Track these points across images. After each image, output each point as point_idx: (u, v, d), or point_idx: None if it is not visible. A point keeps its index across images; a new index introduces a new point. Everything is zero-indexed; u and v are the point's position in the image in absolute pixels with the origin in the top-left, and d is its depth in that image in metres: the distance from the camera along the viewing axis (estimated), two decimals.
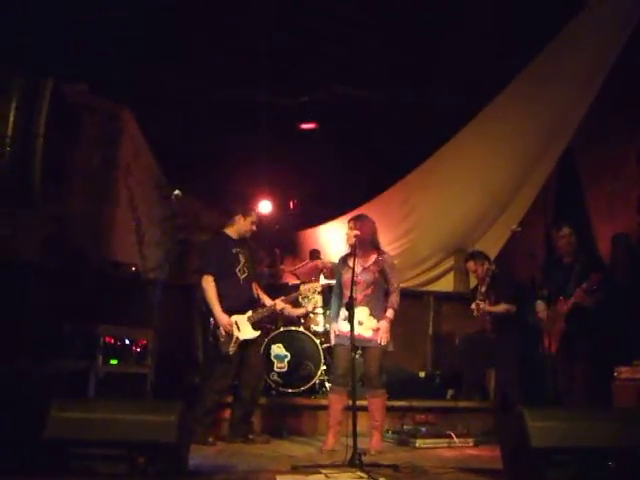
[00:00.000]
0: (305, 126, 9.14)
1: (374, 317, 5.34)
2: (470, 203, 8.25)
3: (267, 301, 6.00)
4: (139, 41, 7.13)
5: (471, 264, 6.97)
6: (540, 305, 6.17)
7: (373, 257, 5.47)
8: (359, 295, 5.30)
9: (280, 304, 5.96)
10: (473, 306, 6.71)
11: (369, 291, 5.33)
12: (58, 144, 4.77)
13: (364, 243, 5.36)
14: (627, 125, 6.66)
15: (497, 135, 7.61)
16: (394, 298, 5.40)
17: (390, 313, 5.36)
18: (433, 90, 7.87)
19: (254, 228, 6.02)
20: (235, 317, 5.71)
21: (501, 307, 6.63)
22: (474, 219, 8.35)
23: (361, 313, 5.28)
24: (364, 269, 5.42)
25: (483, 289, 6.72)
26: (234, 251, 5.86)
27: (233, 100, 8.15)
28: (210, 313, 5.66)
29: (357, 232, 5.26)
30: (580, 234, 6.93)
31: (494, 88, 7.38)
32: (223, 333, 5.61)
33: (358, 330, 5.13)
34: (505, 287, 6.70)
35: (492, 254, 8.09)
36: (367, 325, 5.32)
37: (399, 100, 8.13)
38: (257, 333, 5.82)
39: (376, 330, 5.31)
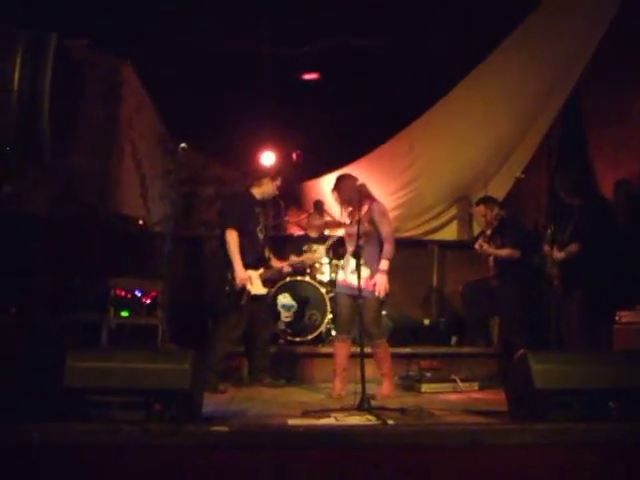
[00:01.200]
0: (307, 76, 9.09)
1: (367, 267, 5.37)
2: (474, 151, 8.27)
3: (275, 262, 6.26)
4: None
5: (482, 208, 7.01)
6: (546, 248, 6.15)
7: (365, 208, 5.54)
8: (351, 247, 5.41)
9: (287, 268, 6.35)
10: (477, 245, 6.81)
11: (361, 242, 5.27)
12: (63, 100, 4.78)
13: (350, 201, 5.51)
14: (632, 70, 6.62)
15: (500, 83, 7.60)
16: (387, 247, 5.41)
17: (384, 264, 5.36)
18: (435, 39, 7.81)
19: (277, 192, 6.26)
20: (249, 272, 5.90)
21: (505, 251, 6.70)
22: (478, 167, 8.35)
23: (353, 263, 5.25)
24: (356, 221, 5.41)
25: (489, 232, 6.81)
26: (257, 211, 6.06)
27: (235, 52, 8.10)
28: (227, 265, 5.82)
29: (337, 198, 5.57)
30: (584, 180, 7.00)
31: (496, 38, 7.35)
32: (237, 285, 5.77)
33: (350, 279, 5.34)
34: (511, 232, 6.76)
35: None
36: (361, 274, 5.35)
37: (402, 49, 8.07)
38: (266, 290, 6.10)
39: (368, 279, 5.36)
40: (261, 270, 6.02)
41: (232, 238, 5.82)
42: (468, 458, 3.64)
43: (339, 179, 5.69)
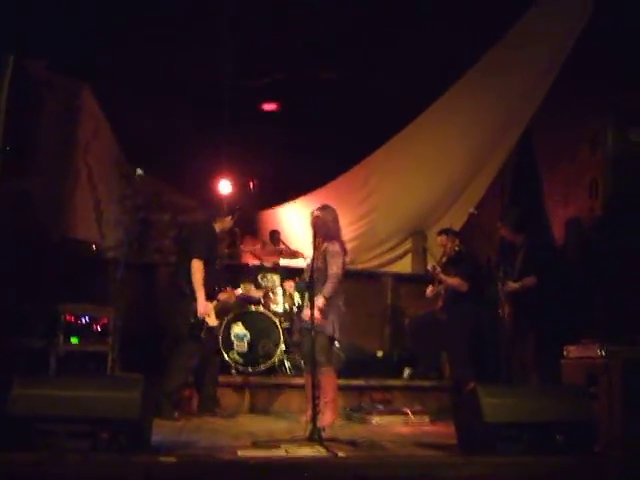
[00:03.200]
0: (267, 107, 9.16)
1: (311, 302, 5.36)
2: (429, 186, 8.38)
3: (220, 294, 6.25)
4: (98, 18, 7.05)
5: (443, 238, 7.10)
6: (498, 285, 6.21)
7: (323, 246, 5.58)
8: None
9: (232, 298, 6.51)
10: (429, 267, 6.99)
11: (315, 277, 5.34)
12: (19, 120, 4.73)
13: (318, 234, 5.53)
14: (581, 110, 6.81)
15: (454, 121, 7.74)
16: (328, 285, 5.43)
17: (319, 301, 5.33)
18: (394, 74, 7.95)
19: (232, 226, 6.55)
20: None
21: (455, 280, 6.77)
22: (432, 202, 8.49)
23: (305, 298, 5.59)
24: (313, 257, 5.53)
25: (444, 260, 6.91)
26: (216, 245, 6.24)
27: (194, 80, 8.12)
28: (191, 296, 5.85)
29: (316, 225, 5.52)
30: (536, 218, 7.16)
31: (452, 76, 7.51)
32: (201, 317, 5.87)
33: (306, 314, 5.37)
34: (464, 265, 6.85)
35: None
36: (307, 311, 5.40)
37: (360, 82, 8.19)
38: (217, 322, 6.19)
39: (308, 316, 5.35)
40: (215, 302, 6.07)
41: (199, 269, 5.86)
42: None
43: (321, 210, 5.66)
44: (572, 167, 7.01)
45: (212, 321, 5.99)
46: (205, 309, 5.87)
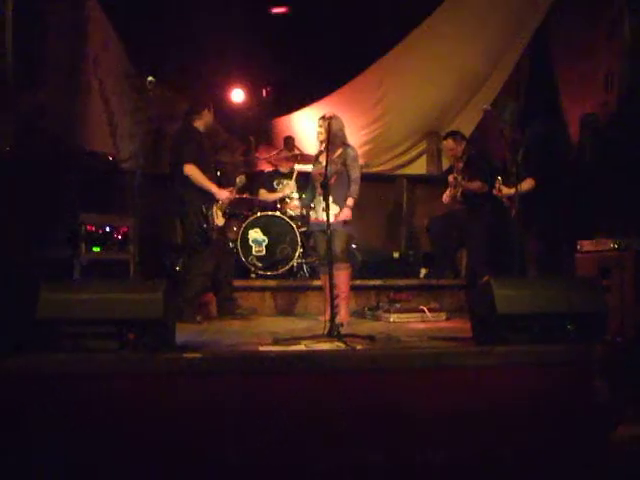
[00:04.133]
0: (276, 10, 8.98)
1: (336, 204, 5.66)
2: (443, 85, 8.28)
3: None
4: None
5: (450, 142, 7.02)
6: (499, 182, 6.20)
7: (339, 151, 5.77)
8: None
9: (233, 194, 6.31)
10: (450, 178, 6.87)
11: (332, 181, 5.57)
12: (27, 35, 4.70)
13: (332, 141, 5.61)
14: (596, 5, 6.64)
15: (469, 18, 7.59)
16: (354, 187, 5.74)
17: (349, 201, 5.71)
18: None
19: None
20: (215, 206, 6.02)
21: (475, 184, 6.77)
22: (447, 101, 8.40)
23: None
24: (328, 161, 5.60)
25: (460, 165, 6.87)
26: (205, 143, 6.16)
27: None
28: (197, 200, 5.92)
29: (323, 133, 5.63)
30: (552, 115, 7.07)
31: None
32: (211, 220, 5.92)
33: (322, 215, 5.49)
34: (479, 166, 6.83)
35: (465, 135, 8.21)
36: (330, 211, 5.56)
37: None
38: (224, 221, 6.17)
39: (337, 215, 5.64)
40: (219, 202, 6.09)
41: (194, 171, 5.91)
42: (434, 379, 3.78)
43: (333, 118, 5.68)
44: (589, 62, 6.86)
45: (220, 221, 6.05)
46: (225, 195, 6.00)
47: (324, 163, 5.60)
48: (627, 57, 6.23)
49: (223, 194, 6.00)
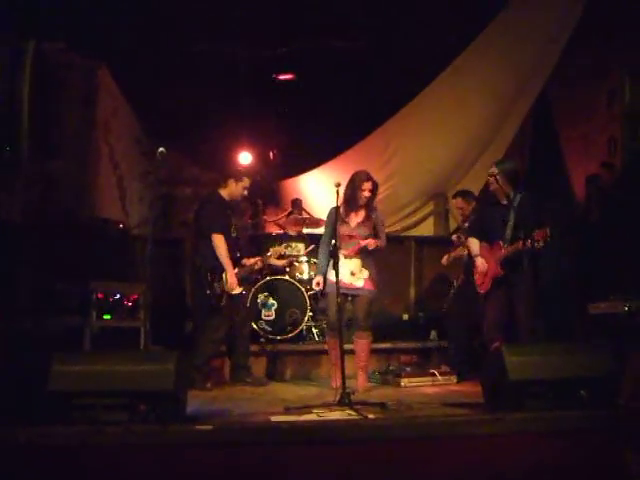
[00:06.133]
0: (282, 77, 9.17)
1: (366, 269, 5.69)
2: (449, 147, 8.38)
3: (246, 260, 6.32)
4: None
5: (459, 201, 6.91)
6: (473, 242, 5.82)
7: (363, 212, 5.76)
8: (354, 248, 5.66)
9: (259, 264, 6.39)
10: (454, 237, 6.79)
11: (363, 244, 5.64)
12: (41, 104, 4.81)
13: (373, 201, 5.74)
14: (598, 66, 6.77)
15: (474, 80, 7.73)
16: (382, 244, 5.74)
17: (374, 242, 5.64)
18: (410, 38, 7.93)
19: (245, 193, 6.31)
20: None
21: None
22: (453, 163, 8.49)
23: (354, 265, 5.68)
24: (359, 224, 5.72)
25: (466, 225, 6.81)
26: (228, 212, 6.15)
27: (211, 53, 8.16)
28: (204, 269, 5.93)
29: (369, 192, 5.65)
30: (556, 176, 7.14)
31: (470, 35, 7.48)
32: (216, 288, 5.89)
33: (350, 280, 5.60)
34: None
35: None
36: (359, 276, 5.68)
37: (377, 49, 8.17)
38: (241, 289, 6.13)
39: (367, 280, 5.66)
40: (236, 270, 6.09)
41: (221, 242, 5.93)
42: (446, 448, 3.75)
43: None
44: (590, 124, 6.98)
45: (235, 289, 6.02)
46: (233, 282, 5.93)
47: (353, 224, 5.71)
48: (628, 123, 6.32)
49: (234, 279, 5.94)
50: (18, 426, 3.64)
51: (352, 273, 5.64)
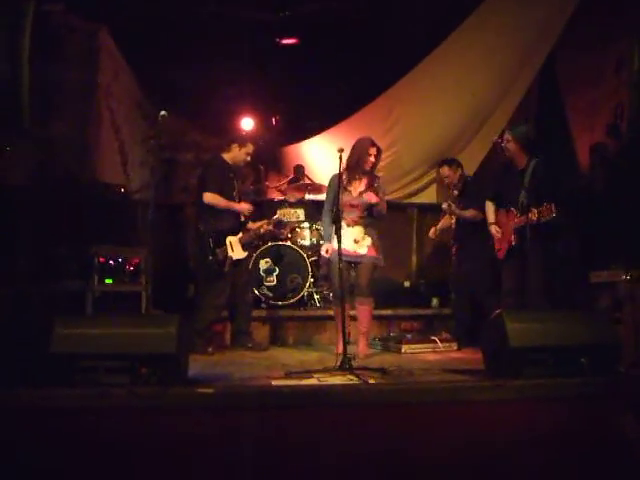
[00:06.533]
0: (286, 41, 9.07)
1: (368, 235, 5.72)
2: (452, 114, 8.30)
3: (251, 225, 6.34)
4: None
5: (445, 169, 6.90)
6: (489, 207, 5.99)
7: (366, 179, 5.74)
8: (355, 217, 5.68)
9: (265, 227, 6.43)
10: (444, 205, 6.76)
11: (364, 213, 5.68)
12: (41, 67, 4.77)
13: (357, 165, 5.71)
14: (606, 33, 6.67)
15: (478, 46, 7.63)
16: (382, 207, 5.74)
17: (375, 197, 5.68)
18: (414, 2, 7.83)
19: (248, 159, 6.33)
20: (229, 238, 6.05)
21: (469, 212, 6.56)
22: (457, 130, 8.41)
23: (357, 232, 5.70)
24: (361, 192, 5.71)
25: (455, 193, 6.79)
26: (230, 175, 6.17)
27: (214, 16, 8.06)
28: (207, 234, 5.96)
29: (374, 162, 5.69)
30: (560, 144, 7.08)
31: (471, 4, 7.39)
32: (220, 253, 5.92)
33: (354, 248, 5.64)
34: (475, 194, 6.63)
35: (475, 165, 8.25)
36: (362, 243, 5.71)
37: (380, 13, 8.07)
38: (246, 254, 6.18)
39: (370, 246, 5.69)
40: (240, 235, 6.12)
41: (215, 197, 5.95)
42: (446, 414, 3.76)
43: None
44: (597, 92, 6.90)
45: (237, 254, 6.05)
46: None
47: (354, 193, 5.70)
48: (635, 90, 6.24)
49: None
50: (20, 388, 3.65)
51: (355, 241, 5.66)
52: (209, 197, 5.94)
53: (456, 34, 7.83)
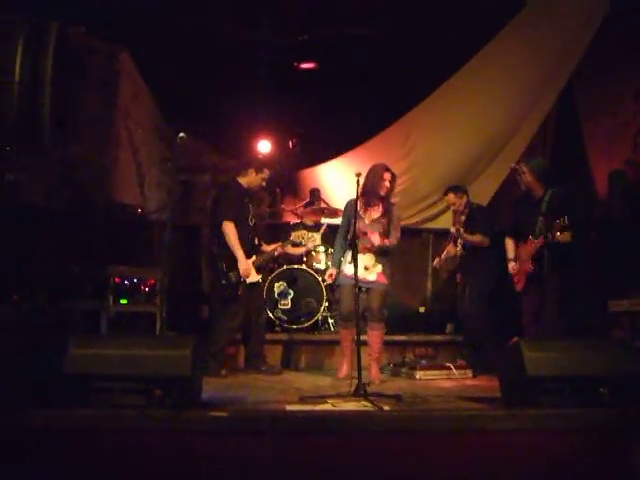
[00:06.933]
0: (304, 66, 9.13)
1: (379, 263, 5.73)
2: (470, 140, 8.30)
3: (265, 247, 6.36)
4: None
5: (451, 196, 6.90)
6: (509, 243, 6.08)
7: (380, 207, 5.76)
8: (367, 244, 5.68)
9: (279, 249, 6.40)
10: (453, 229, 6.76)
11: (377, 239, 5.69)
12: (63, 88, 4.80)
13: (372, 192, 5.73)
14: (626, 63, 6.66)
15: (496, 74, 7.66)
16: (392, 243, 5.75)
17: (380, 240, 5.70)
18: (433, 28, 7.86)
19: (264, 184, 6.38)
20: None
21: (477, 237, 6.55)
22: (474, 157, 8.41)
23: (368, 260, 5.71)
24: (374, 221, 5.76)
25: (462, 218, 6.76)
26: (245, 200, 6.17)
27: (233, 40, 8.13)
28: (220, 257, 5.96)
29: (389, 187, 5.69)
30: (578, 173, 7.06)
31: (494, 28, 7.41)
32: (232, 277, 5.90)
33: (364, 274, 5.61)
34: (481, 221, 6.67)
35: (491, 191, 8.23)
36: (372, 270, 5.72)
37: (399, 38, 8.12)
38: (259, 277, 6.19)
39: (380, 273, 5.70)
40: (253, 258, 6.12)
41: (231, 230, 5.92)
42: (461, 443, 3.71)
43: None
44: (615, 120, 6.89)
45: (251, 277, 6.03)
46: (246, 269, 5.93)
47: (367, 220, 5.76)
48: None
49: (246, 265, 5.94)
50: (34, 408, 3.64)
51: (366, 267, 5.67)
52: (227, 227, 5.93)
53: (474, 61, 7.86)
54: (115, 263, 6.07)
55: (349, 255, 5.68)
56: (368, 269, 5.68)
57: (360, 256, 5.54)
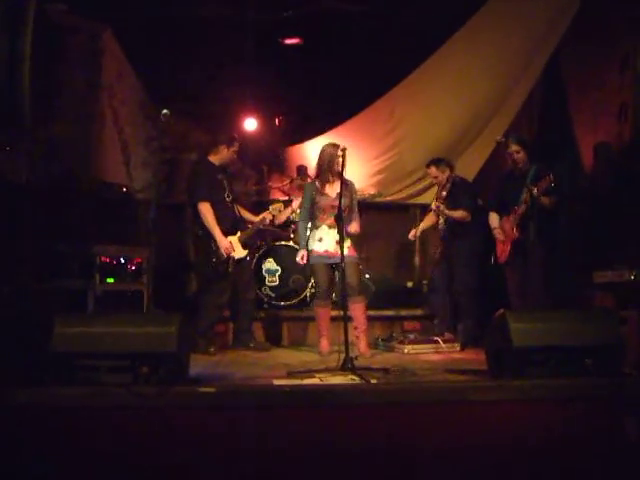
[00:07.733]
0: (289, 41, 9.05)
1: (347, 237, 5.78)
2: (455, 115, 8.27)
3: (253, 217, 6.40)
4: None
5: (432, 169, 6.89)
6: (492, 216, 6.24)
7: (338, 182, 5.65)
8: (330, 218, 5.81)
9: (268, 217, 6.39)
10: (433, 205, 6.76)
11: (345, 214, 5.57)
12: (44, 66, 4.75)
13: (328, 170, 5.91)
14: (611, 33, 6.63)
15: (481, 47, 7.59)
16: (358, 220, 5.98)
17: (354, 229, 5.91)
18: (418, 2, 7.81)
19: (235, 156, 6.40)
20: (229, 238, 6.05)
21: (458, 213, 6.56)
22: (459, 131, 8.38)
23: (334, 233, 5.74)
24: (339, 194, 5.60)
25: (443, 194, 6.74)
26: (219, 177, 6.16)
27: (217, 16, 8.05)
28: (207, 237, 5.98)
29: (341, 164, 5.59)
30: (564, 145, 7.07)
31: (474, 5, 7.38)
32: (222, 254, 5.91)
33: (336, 249, 5.62)
34: (463, 195, 6.66)
35: (477, 166, 8.22)
36: (344, 245, 5.64)
37: (384, 13, 8.06)
38: (246, 252, 6.20)
39: (350, 247, 5.82)
40: (238, 234, 6.14)
41: (207, 210, 5.95)
42: (449, 414, 3.75)
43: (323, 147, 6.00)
44: (601, 92, 6.86)
45: (238, 253, 6.06)
46: (226, 247, 5.93)
47: (333, 195, 5.70)
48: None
49: (224, 243, 5.96)
50: (20, 386, 3.64)
51: (337, 242, 5.63)
52: (202, 207, 5.97)
53: (459, 35, 7.80)
54: (101, 242, 6.04)
55: (316, 233, 5.88)
56: (339, 243, 5.67)
57: (330, 231, 5.75)
